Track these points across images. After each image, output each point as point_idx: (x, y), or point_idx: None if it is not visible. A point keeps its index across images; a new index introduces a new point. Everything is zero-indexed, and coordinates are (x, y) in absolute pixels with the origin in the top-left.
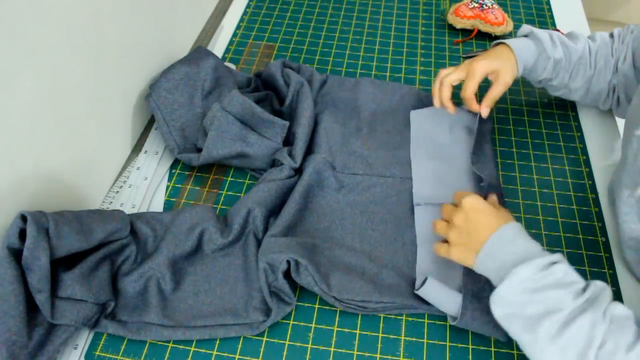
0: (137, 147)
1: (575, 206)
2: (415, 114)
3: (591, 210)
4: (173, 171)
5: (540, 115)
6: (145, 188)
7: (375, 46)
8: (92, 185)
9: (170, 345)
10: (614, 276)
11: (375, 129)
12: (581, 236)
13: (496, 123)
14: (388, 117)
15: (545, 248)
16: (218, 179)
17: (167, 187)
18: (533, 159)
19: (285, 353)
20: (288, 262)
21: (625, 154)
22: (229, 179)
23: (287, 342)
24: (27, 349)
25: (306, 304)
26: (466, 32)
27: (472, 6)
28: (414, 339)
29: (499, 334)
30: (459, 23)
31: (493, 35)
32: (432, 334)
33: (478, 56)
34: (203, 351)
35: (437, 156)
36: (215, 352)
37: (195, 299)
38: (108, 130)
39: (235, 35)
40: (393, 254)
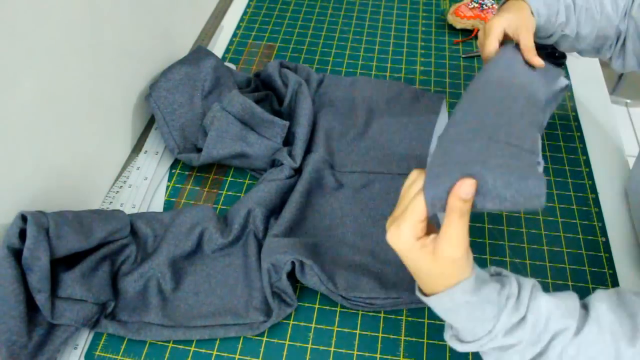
0: (137, 147)
1: (575, 206)
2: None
3: (591, 210)
4: (173, 171)
5: None
6: (145, 188)
7: (375, 46)
8: (92, 185)
9: (170, 345)
10: (614, 276)
11: (372, 127)
12: (581, 236)
13: None
14: (385, 115)
15: (545, 248)
16: (218, 179)
17: (167, 187)
18: None
19: (285, 353)
20: (292, 263)
21: None
22: (229, 179)
23: (287, 342)
24: (27, 349)
25: (306, 304)
26: (466, 32)
27: (472, 6)
28: (414, 339)
29: None
30: (459, 23)
31: None
32: (432, 334)
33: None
34: (203, 351)
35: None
36: (215, 352)
37: (195, 299)
38: (108, 130)
39: (235, 35)
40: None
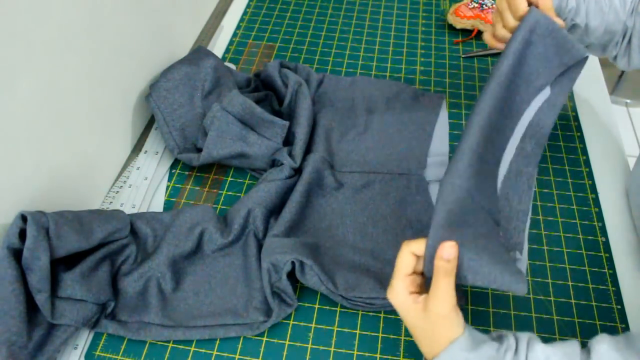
0: (137, 147)
1: (575, 206)
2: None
3: (591, 210)
4: (173, 171)
5: None
6: (145, 188)
7: (375, 46)
8: (92, 185)
9: (170, 345)
10: (614, 276)
11: (372, 126)
12: (581, 236)
13: None
14: (384, 114)
15: (545, 248)
16: (218, 179)
17: (167, 187)
18: None
19: (285, 353)
20: (292, 263)
21: None
22: (229, 179)
23: (287, 342)
24: (27, 349)
25: (306, 304)
26: (466, 32)
27: (472, 6)
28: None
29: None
30: (459, 23)
31: None
32: None
33: None
34: (203, 351)
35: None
36: (215, 352)
37: (195, 299)
38: (108, 130)
39: (235, 35)
40: (395, 250)
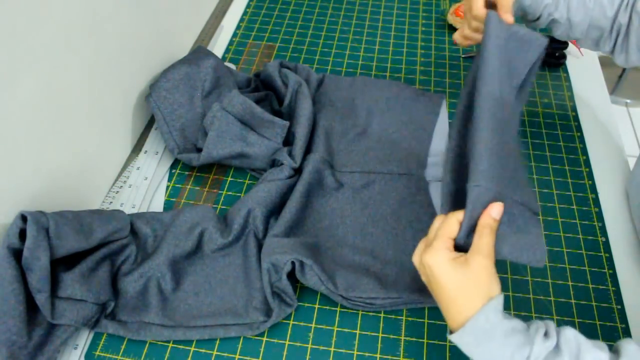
0: (137, 147)
1: (575, 206)
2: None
3: (591, 210)
4: (173, 171)
5: (540, 115)
6: (145, 188)
7: (375, 46)
8: (92, 185)
9: (170, 345)
10: (614, 276)
11: (372, 126)
12: (581, 236)
13: None
14: (384, 114)
15: (546, 248)
16: (218, 179)
17: (167, 187)
18: (533, 159)
19: (285, 353)
20: (292, 263)
21: None
22: (229, 179)
23: (287, 342)
24: (27, 349)
25: (306, 304)
26: None
27: None
28: (414, 339)
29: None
30: (459, 23)
31: None
32: (432, 334)
33: None
34: (203, 351)
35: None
36: (215, 352)
37: (195, 299)
38: (108, 130)
39: (235, 35)
40: (395, 250)
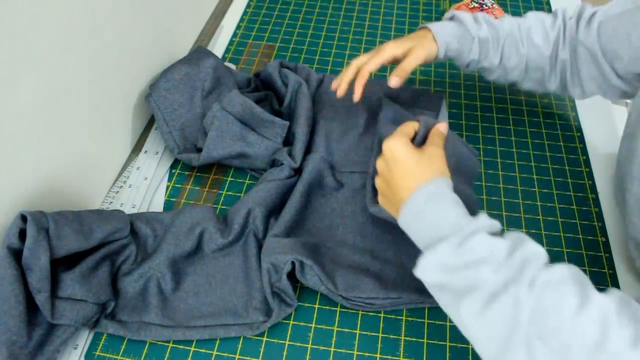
0: (137, 147)
1: (575, 206)
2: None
3: (591, 210)
4: (173, 171)
5: (540, 115)
6: (145, 188)
7: (375, 46)
8: (92, 185)
9: (170, 345)
10: (614, 276)
11: (372, 126)
12: (581, 236)
13: (496, 123)
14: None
15: (545, 248)
16: (218, 179)
17: (167, 187)
18: (533, 159)
19: (285, 353)
20: (292, 263)
21: (633, 146)
22: (229, 179)
23: (287, 342)
24: (27, 349)
25: (306, 304)
26: None
27: (472, 6)
28: (414, 339)
29: None
30: None
31: None
32: (432, 334)
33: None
34: (203, 351)
35: None
36: (215, 352)
37: (195, 299)
38: (108, 130)
39: (235, 35)
40: (395, 250)
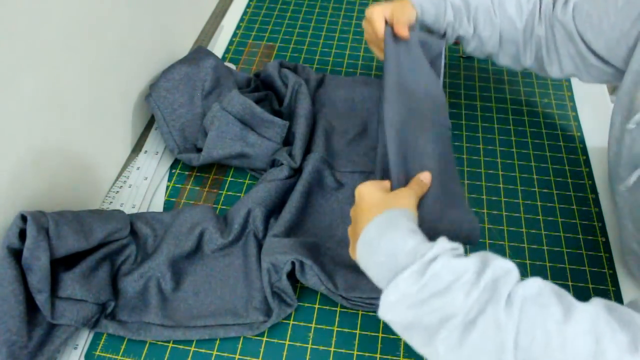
0: (137, 147)
1: (575, 206)
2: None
3: (591, 210)
4: (173, 171)
5: (540, 115)
6: (145, 188)
7: None
8: (92, 185)
9: (170, 345)
10: (614, 276)
11: (372, 126)
12: (581, 236)
13: (496, 123)
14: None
15: (546, 248)
16: (218, 179)
17: (167, 187)
18: (533, 159)
19: (285, 353)
20: (292, 263)
21: (618, 149)
22: (229, 179)
23: (287, 342)
24: (27, 349)
25: (306, 304)
26: None
27: None
28: None
29: None
30: None
31: None
32: None
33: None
34: (203, 351)
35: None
36: (215, 352)
37: (195, 299)
38: (108, 130)
39: (235, 35)
40: None
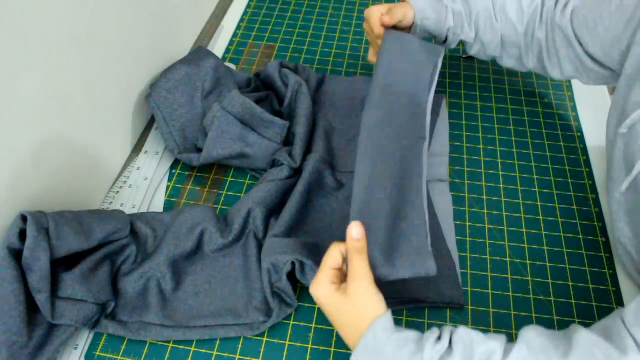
0: (137, 147)
1: (575, 206)
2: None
3: (591, 210)
4: (173, 171)
5: (540, 115)
6: (145, 188)
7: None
8: (92, 185)
9: (170, 345)
10: (614, 276)
11: None
12: (581, 236)
13: (496, 123)
14: None
15: (545, 248)
16: (218, 179)
17: (167, 187)
18: (533, 159)
19: (285, 353)
20: (292, 263)
21: (612, 153)
22: (229, 179)
23: (287, 342)
24: (27, 349)
25: (306, 304)
26: None
27: None
28: None
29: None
30: None
31: None
32: None
33: None
34: (203, 351)
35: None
36: (215, 352)
37: (195, 299)
38: (108, 130)
39: (235, 35)
40: None
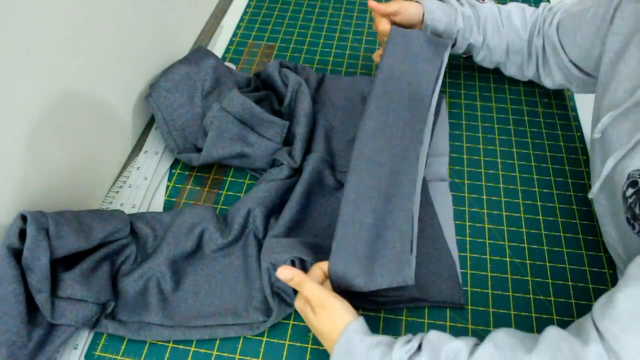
0: (137, 147)
1: (575, 206)
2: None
3: (591, 210)
4: (173, 171)
5: (540, 115)
6: (145, 188)
7: (375, 46)
8: (92, 185)
9: (170, 345)
10: (614, 276)
11: None
12: (581, 236)
13: (496, 123)
14: None
15: (545, 248)
16: (218, 179)
17: (167, 187)
18: (533, 159)
19: (285, 353)
20: (292, 262)
21: (593, 159)
22: (229, 179)
23: (287, 342)
24: (27, 349)
25: None
26: None
27: None
28: None
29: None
30: None
31: None
32: None
33: None
34: (203, 351)
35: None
36: (215, 352)
37: (195, 299)
38: (108, 130)
39: (235, 35)
40: None
